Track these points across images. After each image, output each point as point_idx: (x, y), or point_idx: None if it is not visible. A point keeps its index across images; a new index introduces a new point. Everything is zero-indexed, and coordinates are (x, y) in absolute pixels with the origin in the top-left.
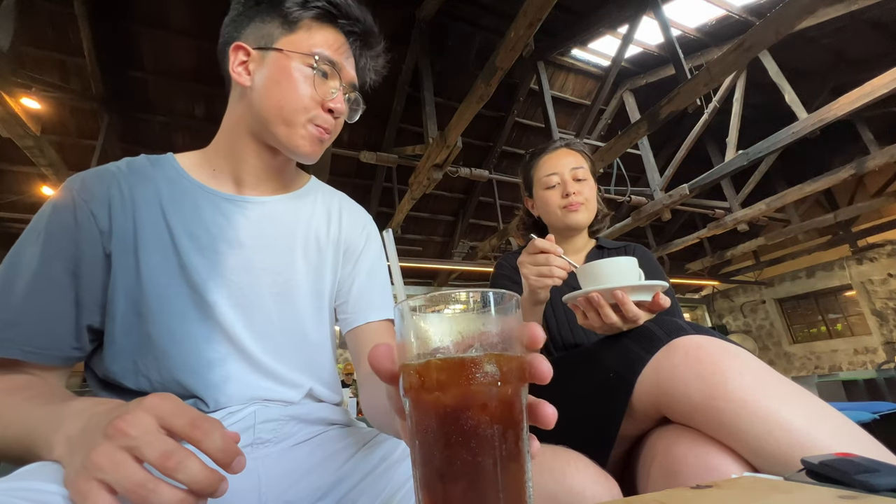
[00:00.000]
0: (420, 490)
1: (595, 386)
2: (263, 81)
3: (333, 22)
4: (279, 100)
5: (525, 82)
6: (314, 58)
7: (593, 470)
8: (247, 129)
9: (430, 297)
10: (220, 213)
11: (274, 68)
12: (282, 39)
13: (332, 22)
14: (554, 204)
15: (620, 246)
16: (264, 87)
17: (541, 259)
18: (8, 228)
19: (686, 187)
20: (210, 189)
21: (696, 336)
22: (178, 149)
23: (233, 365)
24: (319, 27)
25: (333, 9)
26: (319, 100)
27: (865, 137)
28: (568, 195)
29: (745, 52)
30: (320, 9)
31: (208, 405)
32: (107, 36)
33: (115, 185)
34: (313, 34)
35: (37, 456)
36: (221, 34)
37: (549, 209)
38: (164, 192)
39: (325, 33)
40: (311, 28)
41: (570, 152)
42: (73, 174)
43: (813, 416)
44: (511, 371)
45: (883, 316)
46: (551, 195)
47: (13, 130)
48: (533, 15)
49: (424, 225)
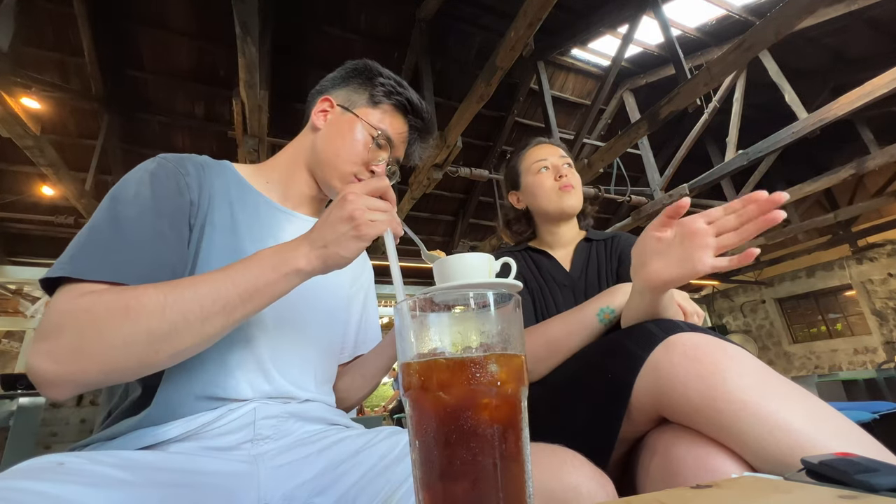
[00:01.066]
0: (420, 490)
1: (594, 388)
2: (333, 131)
3: (404, 114)
4: (338, 149)
5: (525, 82)
6: (377, 132)
7: (589, 468)
8: (305, 161)
9: (431, 297)
10: (273, 219)
11: (345, 125)
12: (362, 109)
13: (403, 114)
14: (548, 186)
15: (608, 237)
16: (330, 136)
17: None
18: (8, 228)
19: (686, 187)
20: (266, 197)
21: (694, 334)
22: (178, 149)
23: (245, 356)
24: (393, 113)
25: (408, 105)
26: (367, 162)
27: (865, 137)
28: (561, 176)
29: (745, 52)
30: (398, 102)
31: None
32: (107, 36)
33: (200, 169)
34: (386, 117)
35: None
36: (320, 83)
37: (542, 192)
38: (232, 188)
39: (395, 119)
40: (387, 112)
41: (557, 148)
42: (75, 174)
43: (813, 417)
44: (511, 371)
45: (883, 316)
46: (544, 178)
47: (13, 130)
48: (533, 15)
49: (424, 225)
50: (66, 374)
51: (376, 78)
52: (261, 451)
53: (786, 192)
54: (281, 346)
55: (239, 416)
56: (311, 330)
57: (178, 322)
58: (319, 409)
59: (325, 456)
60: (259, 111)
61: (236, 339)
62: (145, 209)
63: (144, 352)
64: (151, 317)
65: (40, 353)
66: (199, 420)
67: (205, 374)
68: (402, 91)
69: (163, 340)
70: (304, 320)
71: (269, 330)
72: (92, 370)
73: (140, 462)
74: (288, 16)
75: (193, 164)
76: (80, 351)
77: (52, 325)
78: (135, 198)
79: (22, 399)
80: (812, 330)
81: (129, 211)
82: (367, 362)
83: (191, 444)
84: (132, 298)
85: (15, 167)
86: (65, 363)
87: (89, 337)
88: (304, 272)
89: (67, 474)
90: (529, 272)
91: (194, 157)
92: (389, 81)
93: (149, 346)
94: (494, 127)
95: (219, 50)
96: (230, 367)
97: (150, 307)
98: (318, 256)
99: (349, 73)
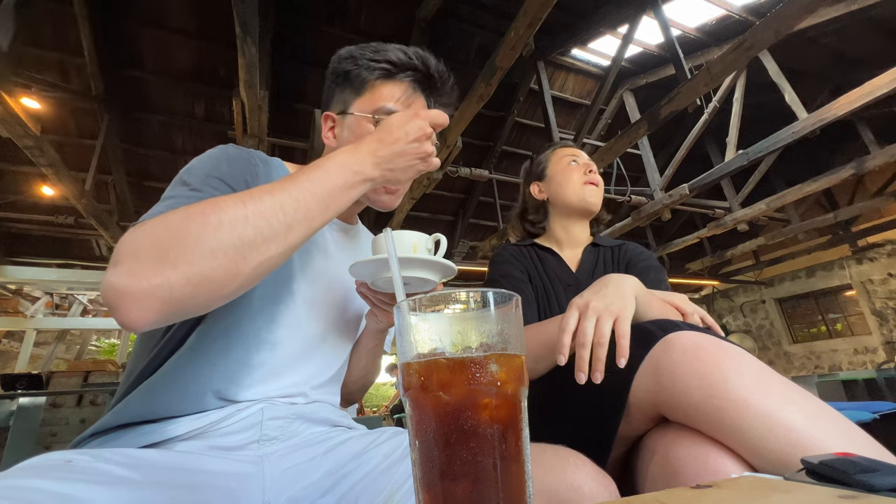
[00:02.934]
0: (420, 490)
1: (592, 387)
2: (343, 142)
3: (395, 77)
4: None
5: (525, 82)
6: (373, 117)
7: (591, 467)
8: None
9: (430, 297)
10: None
11: (350, 130)
12: (354, 103)
13: (394, 77)
14: (577, 179)
15: (615, 244)
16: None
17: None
18: (8, 228)
19: (686, 187)
20: None
21: (694, 333)
22: (177, 149)
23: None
24: (382, 84)
25: (392, 67)
26: None
27: (865, 137)
28: (590, 171)
29: (745, 52)
30: (380, 70)
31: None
32: (107, 36)
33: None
34: (377, 92)
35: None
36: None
37: (569, 182)
38: None
39: (388, 88)
40: (375, 87)
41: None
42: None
43: (813, 416)
44: (511, 371)
45: (883, 316)
46: (573, 170)
47: (13, 130)
48: (533, 15)
49: (424, 225)
50: (151, 288)
51: (351, 64)
52: (267, 452)
53: (786, 192)
54: (306, 347)
55: (247, 415)
56: (332, 331)
57: (264, 228)
58: (325, 410)
59: (331, 457)
60: (259, 111)
61: (264, 340)
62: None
63: (233, 258)
64: (235, 223)
65: (118, 273)
66: (206, 418)
67: (223, 371)
68: (379, 56)
69: (250, 247)
70: (328, 320)
71: (298, 331)
72: (178, 281)
73: (146, 461)
74: (288, 16)
75: (259, 158)
76: (162, 261)
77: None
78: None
79: (22, 399)
80: (812, 330)
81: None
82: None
83: (197, 443)
84: (211, 208)
85: (15, 167)
86: (147, 276)
87: (171, 247)
88: (374, 180)
89: (74, 472)
90: (534, 269)
91: (257, 152)
92: (363, 58)
93: (237, 251)
94: (494, 127)
95: (219, 50)
96: (252, 366)
97: (232, 214)
98: (382, 174)
99: (332, 80)
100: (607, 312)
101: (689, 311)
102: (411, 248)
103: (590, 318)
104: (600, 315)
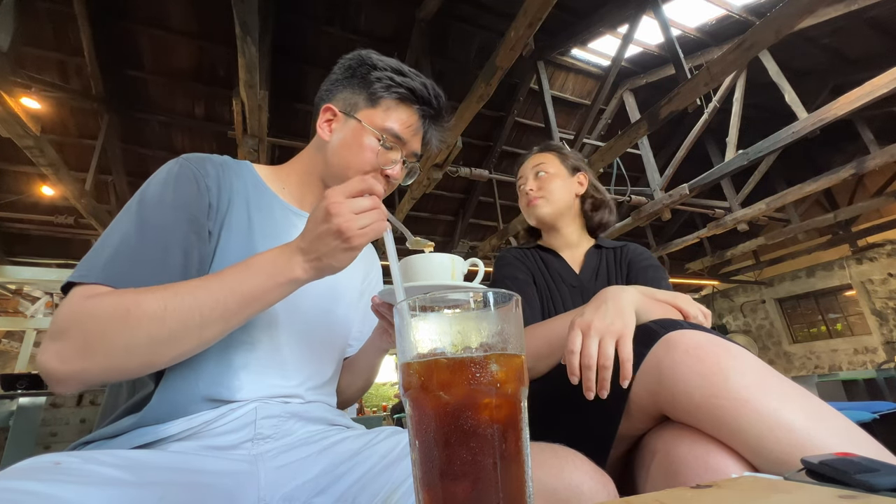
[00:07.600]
0: (420, 489)
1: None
2: (339, 141)
3: (410, 104)
4: (348, 160)
5: (525, 82)
6: (383, 134)
7: (590, 467)
8: (318, 173)
9: (430, 297)
10: (289, 222)
11: (350, 133)
12: (364, 111)
13: (409, 104)
14: (523, 205)
15: (617, 246)
16: (339, 147)
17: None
18: (8, 228)
19: (686, 187)
20: (283, 200)
21: (695, 333)
22: (177, 149)
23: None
24: (397, 107)
25: (411, 94)
26: (379, 167)
27: (865, 137)
28: (526, 193)
29: (745, 52)
30: (400, 94)
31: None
32: (107, 36)
33: (220, 170)
34: (390, 113)
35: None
36: (319, 91)
37: (522, 209)
38: (250, 190)
39: (401, 112)
40: (390, 107)
41: (539, 154)
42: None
43: (813, 416)
44: (511, 370)
45: (883, 316)
46: (521, 196)
47: (13, 130)
48: (533, 15)
49: (424, 225)
50: (72, 373)
51: (371, 73)
52: (261, 451)
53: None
54: (286, 347)
55: (240, 415)
56: (316, 331)
57: (178, 329)
58: (320, 410)
59: (326, 456)
60: (259, 111)
61: (241, 341)
62: (167, 212)
63: (146, 354)
64: (151, 323)
65: (49, 352)
66: (199, 419)
67: (208, 376)
68: (402, 81)
69: (163, 345)
70: (308, 321)
71: (275, 331)
72: (95, 370)
73: (138, 461)
74: (288, 16)
75: (214, 164)
76: (84, 352)
77: (60, 325)
78: (159, 203)
79: (22, 399)
80: (812, 330)
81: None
82: (358, 359)
83: (191, 443)
84: (133, 304)
85: (15, 167)
86: (70, 362)
87: (92, 340)
88: (301, 280)
89: (64, 474)
90: (538, 269)
91: (215, 158)
92: (386, 73)
93: (149, 349)
94: (494, 127)
95: (219, 50)
96: (234, 367)
97: (150, 313)
98: (313, 267)
99: (345, 73)
100: (609, 333)
101: (692, 313)
102: (450, 273)
103: (593, 339)
104: (602, 336)
